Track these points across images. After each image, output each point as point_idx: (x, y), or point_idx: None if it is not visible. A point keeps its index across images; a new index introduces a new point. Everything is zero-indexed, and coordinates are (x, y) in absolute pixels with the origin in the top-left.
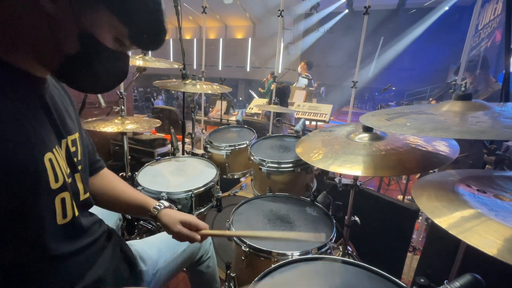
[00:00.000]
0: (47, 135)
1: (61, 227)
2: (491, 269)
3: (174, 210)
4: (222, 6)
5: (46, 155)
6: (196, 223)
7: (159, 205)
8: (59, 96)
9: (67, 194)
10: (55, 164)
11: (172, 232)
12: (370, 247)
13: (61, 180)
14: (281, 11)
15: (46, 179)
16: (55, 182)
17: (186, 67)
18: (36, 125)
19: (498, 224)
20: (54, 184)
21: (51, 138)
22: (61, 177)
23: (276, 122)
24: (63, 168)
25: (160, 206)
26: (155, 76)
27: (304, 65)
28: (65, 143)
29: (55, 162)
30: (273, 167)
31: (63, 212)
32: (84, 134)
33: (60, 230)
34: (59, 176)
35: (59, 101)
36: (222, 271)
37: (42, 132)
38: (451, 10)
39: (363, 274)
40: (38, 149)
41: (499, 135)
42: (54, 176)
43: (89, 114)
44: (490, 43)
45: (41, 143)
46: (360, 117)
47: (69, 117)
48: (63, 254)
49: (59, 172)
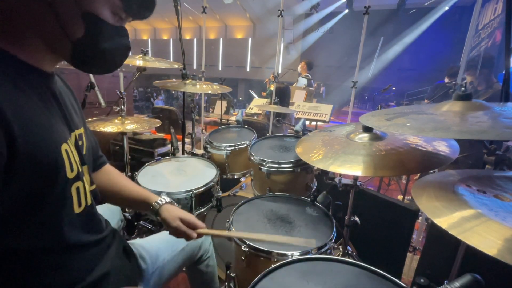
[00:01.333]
0: (60, 126)
1: (77, 216)
2: (491, 269)
3: (175, 206)
4: (222, 6)
5: (63, 146)
6: (194, 222)
7: (161, 200)
8: (65, 92)
9: (81, 184)
10: (70, 154)
11: (170, 227)
12: (370, 247)
13: (76, 170)
14: (281, 11)
15: (63, 168)
16: (71, 172)
17: (186, 67)
18: (50, 117)
19: (498, 224)
20: (70, 173)
21: (65, 130)
22: (76, 167)
23: (276, 122)
24: (77, 159)
25: (161, 201)
26: (155, 76)
27: (304, 65)
28: (74, 136)
29: (70, 152)
30: (273, 167)
31: (78, 201)
32: (88, 130)
33: (77, 218)
34: (74, 166)
35: (66, 97)
36: (222, 271)
37: (57, 124)
38: (451, 10)
39: (363, 274)
40: (56, 139)
41: (499, 135)
42: (69, 166)
43: (89, 114)
44: (490, 43)
45: (58, 133)
46: (360, 117)
47: (75, 112)
48: (79, 244)
49: (74, 161)
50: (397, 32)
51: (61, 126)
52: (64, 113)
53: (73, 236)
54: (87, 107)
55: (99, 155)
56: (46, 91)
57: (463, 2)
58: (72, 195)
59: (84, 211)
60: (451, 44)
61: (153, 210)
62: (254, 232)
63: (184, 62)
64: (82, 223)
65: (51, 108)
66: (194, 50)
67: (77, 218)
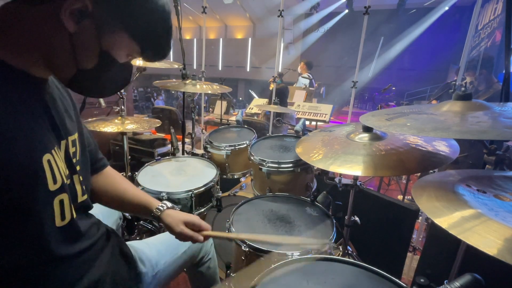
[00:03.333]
0: (46, 136)
1: (59, 230)
2: (491, 269)
3: (177, 210)
4: (222, 6)
5: (45, 157)
6: (199, 223)
7: (162, 206)
8: (60, 96)
9: (66, 196)
10: (53, 165)
11: (174, 232)
12: (370, 247)
13: (60, 182)
14: (281, 11)
15: (44, 181)
16: (53, 184)
17: (186, 67)
18: (35, 126)
19: (498, 224)
20: (53, 186)
21: (50, 139)
22: (60, 179)
23: (276, 122)
24: (62, 170)
25: (162, 207)
26: (155, 76)
27: (304, 65)
28: (64, 144)
29: (54, 163)
30: (273, 167)
31: (62, 214)
32: (86, 133)
33: (59, 232)
34: (58, 178)
35: (59, 101)
36: (222, 271)
37: (41, 133)
38: (451, 10)
39: (363, 274)
40: (36, 150)
41: (499, 135)
42: (52, 178)
43: (89, 114)
44: (490, 43)
45: (39, 144)
46: (360, 117)
47: (69, 117)
48: (62, 257)
49: (58, 173)
50: (397, 32)
51: (47, 135)
52: (53, 121)
53: (56, 248)
54: (87, 107)
55: (98, 158)
56: (34, 98)
57: (463, 2)
58: (54, 208)
59: (69, 224)
60: (451, 44)
61: (154, 217)
62: (259, 234)
63: (184, 62)
64: (66, 235)
65: (37, 116)
66: (194, 50)
67: (59, 231)
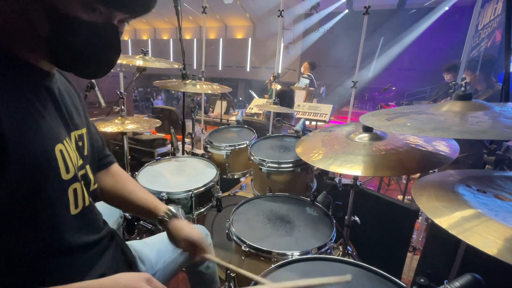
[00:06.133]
0: (57, 127)
1: (74, 218)
2: (491, 269)
3: (181, 220)
4: (222, 6)
5: (57, 146)
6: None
7: (168, 214)
8: (68, 92)
9: (78, 185)
10: (65, 155)
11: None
12: (370, 247)
13: (72, 171)
14: (281, 11)
15: (57, 170)
16: (66, 173)
17: (186, 67)
18: (46, 116)
19: (498, 224)
20: (66, 175)
21: (61, 130)
22: (72, 168)
23: (276, 122)
24: (74, 160)
25: (168, 216)
26: (155, 76)
27: (308, 65)
28: (74, 136)
29: (66, 153)
30: (273, 167)
31: (75, 202)
32: (94, 129)
33: (73, 220)
34: (70, 167)
35: (67, 96)
36: (222, 271)
37: (53, 124)
38: (451, 10)
39: (363, 274)
40: (49, 140)
41: (499, 135)
42: (65, 167)
43: (89, 114)
44: (490, 43)
45: (52, 134)
46: (360, 117)
47: (77, 112)
48: (74, 247)
49: (70, 163)
50: (397, 32)
51: (57, 126)
52: (62, 114)
53: (70, 237)
54: (87, 107)
55: (105, 154)
56: (43, 90)
57: (463, 2)
58: (69, 197)
59: (81, 212)
60: (451, 44)
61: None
62: (259, 236)
63: (184, 62)
64: (79, 224)
65: (48, 108)
66: (194, 50)
67: (74, 219)
